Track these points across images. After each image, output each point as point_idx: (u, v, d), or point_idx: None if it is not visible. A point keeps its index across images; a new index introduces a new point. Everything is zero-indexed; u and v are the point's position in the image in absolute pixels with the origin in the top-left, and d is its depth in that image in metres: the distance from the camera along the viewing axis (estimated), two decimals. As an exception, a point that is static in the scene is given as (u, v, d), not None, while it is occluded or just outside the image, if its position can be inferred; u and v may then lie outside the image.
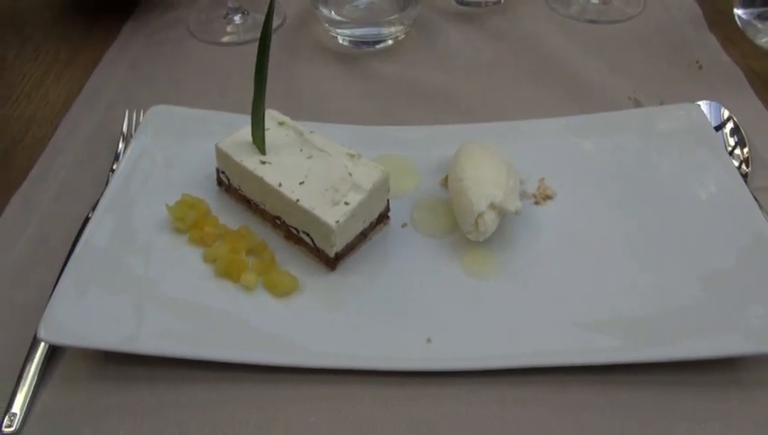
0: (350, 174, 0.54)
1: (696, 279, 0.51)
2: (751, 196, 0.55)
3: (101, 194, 0.58)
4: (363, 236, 0.55)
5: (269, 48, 0.53)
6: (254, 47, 0.53)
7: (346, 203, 0.52)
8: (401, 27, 0.78)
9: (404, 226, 0.57)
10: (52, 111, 0.72)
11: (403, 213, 0.58)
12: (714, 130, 0.61)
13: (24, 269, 0.55)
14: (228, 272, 0.52)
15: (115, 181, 0.58)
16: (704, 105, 0.65)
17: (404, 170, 0.61)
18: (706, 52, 0.76)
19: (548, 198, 0.59)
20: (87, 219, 0.57)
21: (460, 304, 0.51)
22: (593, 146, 0.62)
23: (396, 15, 0.77)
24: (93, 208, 0.57)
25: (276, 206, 0.55)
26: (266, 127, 0.56)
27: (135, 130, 0.65)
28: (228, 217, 0.57)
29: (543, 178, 0.60)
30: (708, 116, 0.63)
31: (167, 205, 0.56)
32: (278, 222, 0.56)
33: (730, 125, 0.64)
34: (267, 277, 0.52)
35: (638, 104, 0.69)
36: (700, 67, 0.74)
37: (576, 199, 0.58)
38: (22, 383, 0.47)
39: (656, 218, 0.55)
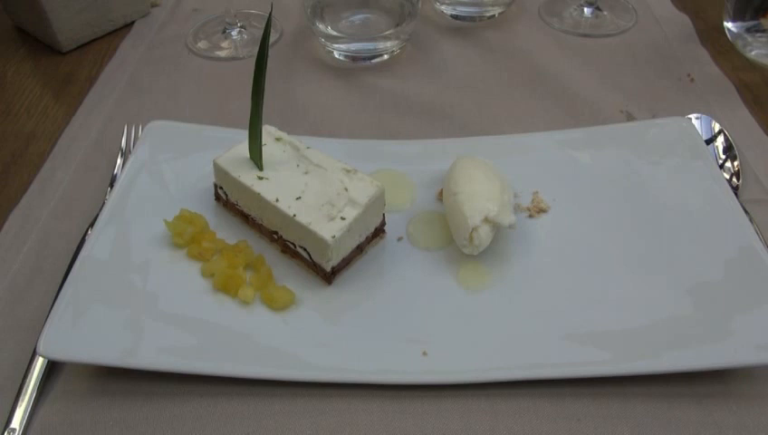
0: (346, 189, 0.54)
1: (687, 292, 0.51)
2: (741, 209, 0.56)
3: (100, 209, 0.59)
4: (359, 250, 0.56)
5: (266, 67, 0.54)
6: (252, 62, 0.54)
7: (342, 218, 0.52)
8: (397, 42, 0.79)
9: (400, 239, 0.58)
10: (51, 126, 0.73)
11: (399, 227, 0.58)
12: (704, 144, 0.62)
13: (23, 284, 0.56)
14: (226, 286, 0.53)
15: (114, 196, 0.58)
16: (695, 118, 0.66)
17: (399, 184, 0.62)
18: (698, 65, 0.77)
19: (542, 211, 0.59)
20: (86, 234, 0.57)
21: (455, 318, 0.51)
22: (586, 159, 0.63)
23: (391, 31, 0.78)
24: (92, 224, 0.58)
25: (273, 221, 0.55)
26: (263, 143, 0.57)
27: (133, 145, 0.66)
28: (226, 231, 0.58)
29: (537, 192, 0.61)
30: (699, 129, 0.64)
31: (165, 220, 0.56)
32: (275, 237, 0.56)
33: (721, 138, 0.65)
34: (264, 292, 0.53)
35: (630, 117, 0.70)
36: (692, 80, 0.75)
37: (569, 212, 0.59)
38: (21, 398, 0.48)
39: (647, 231, 0.56)
